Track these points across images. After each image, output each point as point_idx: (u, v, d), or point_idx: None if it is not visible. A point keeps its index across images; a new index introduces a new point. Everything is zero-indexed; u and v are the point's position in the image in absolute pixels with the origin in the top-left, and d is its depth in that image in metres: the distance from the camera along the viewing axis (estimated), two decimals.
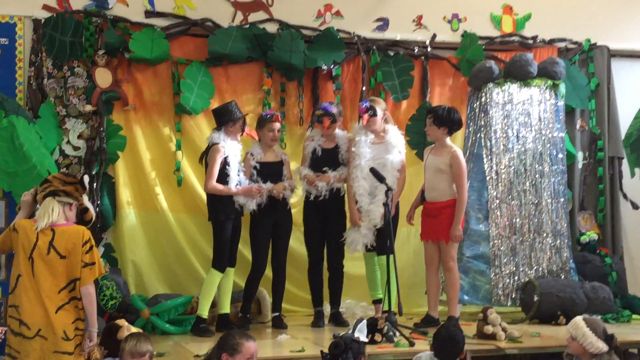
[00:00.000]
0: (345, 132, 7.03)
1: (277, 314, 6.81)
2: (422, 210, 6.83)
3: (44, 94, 7.06)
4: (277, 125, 6.79)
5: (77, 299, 4.65)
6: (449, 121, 6.64)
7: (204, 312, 6.44)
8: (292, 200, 7.37)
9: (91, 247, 4.66)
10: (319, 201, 6.78)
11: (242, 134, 6.69)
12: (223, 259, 6.50)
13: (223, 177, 6.48)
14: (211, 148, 6.52)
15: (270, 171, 6.71)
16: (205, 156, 6.58)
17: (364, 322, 4.94)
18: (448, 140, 6.73)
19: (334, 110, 6.85)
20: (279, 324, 6.71)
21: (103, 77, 7.16)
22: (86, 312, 4.65)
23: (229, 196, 6.50)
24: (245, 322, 6.65)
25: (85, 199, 4.86)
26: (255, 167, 6.69)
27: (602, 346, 4.75)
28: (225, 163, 6.48)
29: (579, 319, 4.88)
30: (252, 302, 6.89)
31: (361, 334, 4.70)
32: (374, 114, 6.72)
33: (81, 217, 4.84)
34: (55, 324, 4.55)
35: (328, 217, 6.82)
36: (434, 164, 6.66)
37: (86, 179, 4.86)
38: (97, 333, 4.76)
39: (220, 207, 6.50)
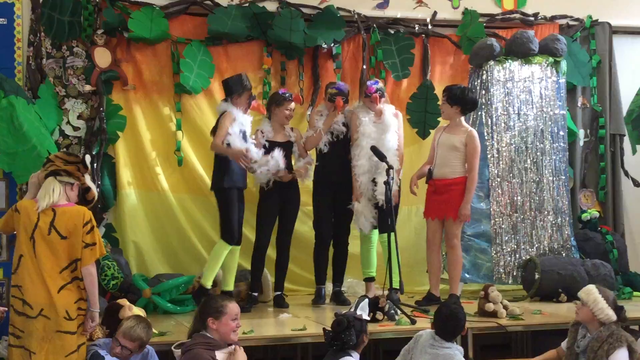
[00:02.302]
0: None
1: (279, 293, 6.82)
2: (428, 187, 6.81)
3: (43, 74, 7.03)
4: (294, 105, 6.79)
5: (79, 279, 4.64)
6: (461, 100, 6.64)
7: (208, 282, 6.43)
8: None
9: (92, 228, 4.65)
10: (329, 180, 6.78)
11: (248, 107, 6.60)
12: (232, 229, 6.44)
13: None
14: (222, 114, 6.48)
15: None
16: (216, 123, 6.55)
17: (366, 300, 4.95)
18: (463, 120, 6.73)
19: (347, 90, 6.91)
20: (280, 303, 6.72)
21: (102, 57, 7.13)
22: (87, 292, 4.65)
23: (233, 167, 6.44)
24: (253, 300, 6.66)
25: (88, 179, 4.85)
26: (264, 145, 6.66)
27: (612, 314, 4.78)
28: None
29: (591, 286, 4.93)
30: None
31: (363, 312, 4.71)
32: (383, 95, 6.82)
33: (83, 196, 4.83)
34: (57, 304, 4.54)
35: (337, 193, 6.82)
36: (449, 141, 6.65)
37: (88, 158, 4.86)
38: (99, 313, 4.77)
39: (226, 176, 6.45)
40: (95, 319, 4.69)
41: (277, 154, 6.57)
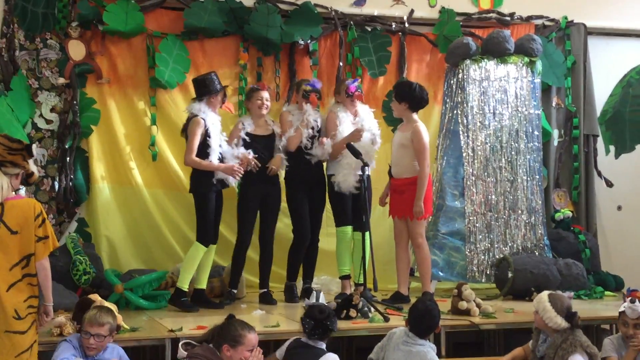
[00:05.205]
0: (317, 110, 6.98)
1: (265, 290, 6.75)
2: (390, 186, 6.82)
3: (16, 66, 6.97)
4: (264, 94, 6.68)
5: (30, 275, 4.40)
6: (408, 96, 6.57)
7: (185, 285, 6.32)
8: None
9: (43, 220, 4.42)
10: (303, 178, 6.76)
11: (221, 106, 6.57)
12: (208, 232, 6.37)
13: (204, 150, 6.33)
14: (191, 120, 6.37)
15: (261, 144, 6.63)
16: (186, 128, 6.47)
17: (322, 293, 4.92)
18: (414, 116, 6.66)
19: (320, 87, 6.90)
20: (268, 300, 6.65)
21: (76, 50, 7.07)
22: (42, 287, 4.43)
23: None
24: (232, 297, 6.63)
25: (31, 163, 4.55)
26: (244, 139, 6.61)
27: (561, 322, 4.76)
28: (206, 135, 6.34)
29: (543, 294, 4.93)
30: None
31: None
32: (361, 93, 6.87)
33: (26, 180, 4.57)
34: (5, 303, 4.29)
35: (311, 191, 6.81)
36: (399, 140, 6.65)
37: (34, 146, 4.56)
38: (54, 307, 4.56)
39: (204, 180, 6.37)
40: (50, 313, 4.49)
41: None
